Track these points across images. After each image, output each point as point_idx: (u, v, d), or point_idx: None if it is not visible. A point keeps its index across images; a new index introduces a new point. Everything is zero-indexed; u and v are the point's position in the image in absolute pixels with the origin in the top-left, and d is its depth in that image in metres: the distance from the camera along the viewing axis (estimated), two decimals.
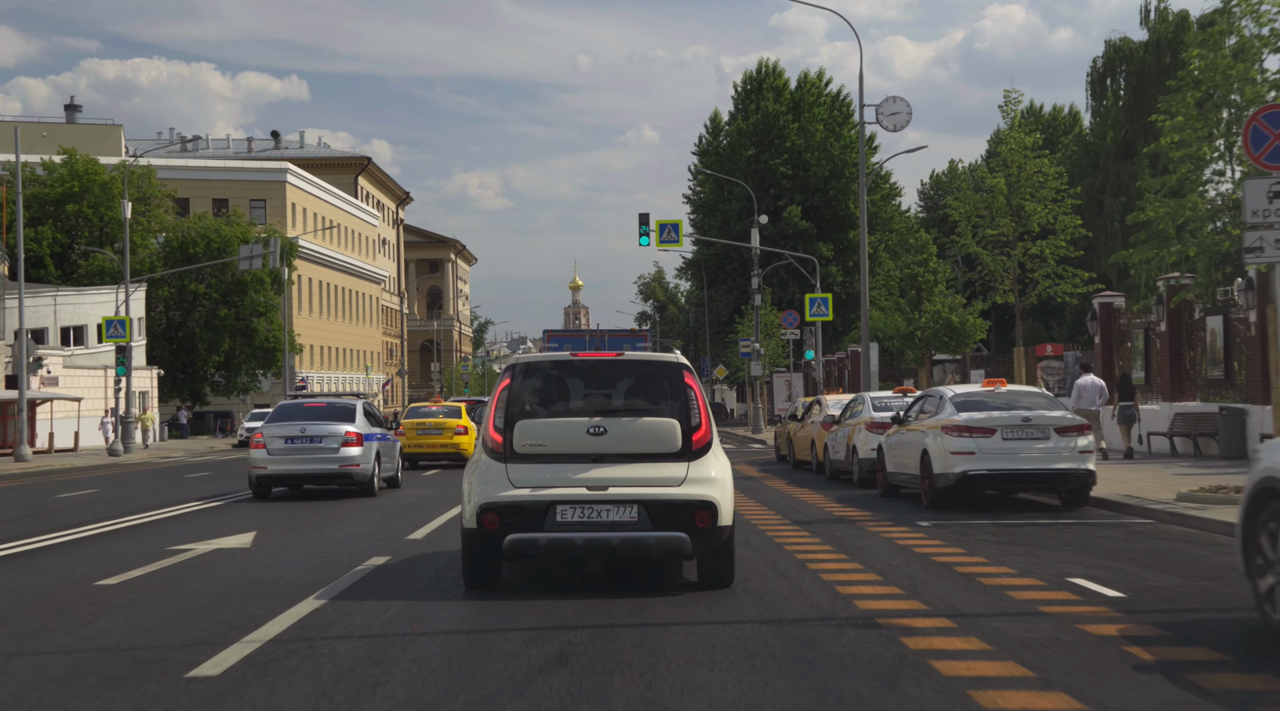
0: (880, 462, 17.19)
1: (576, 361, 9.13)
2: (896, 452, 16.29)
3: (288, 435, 18.86)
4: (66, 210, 60.45)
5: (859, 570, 9.93)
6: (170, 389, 63.54)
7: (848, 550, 11.26)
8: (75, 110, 79.33)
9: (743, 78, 73.99)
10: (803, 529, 13.16)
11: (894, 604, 8.22)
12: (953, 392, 15.17)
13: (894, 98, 30.37)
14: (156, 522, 15.65)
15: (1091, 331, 27.93)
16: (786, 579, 9.50)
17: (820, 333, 42.29)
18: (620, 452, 8.49)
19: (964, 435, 14.24)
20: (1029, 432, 14.21)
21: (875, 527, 13.05)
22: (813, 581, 9.34)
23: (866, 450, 18.70)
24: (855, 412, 20.03)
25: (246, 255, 44.78)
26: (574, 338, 32.83)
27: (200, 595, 9.17)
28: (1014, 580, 9.27)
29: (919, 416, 15.73)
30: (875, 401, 19.55)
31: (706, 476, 8.50)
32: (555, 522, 8.32)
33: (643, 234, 40.23)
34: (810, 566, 10.17)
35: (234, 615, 8.16)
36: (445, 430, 27.97)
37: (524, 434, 8.56)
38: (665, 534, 8.31)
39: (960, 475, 14.17)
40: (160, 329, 63.64)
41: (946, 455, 14.31)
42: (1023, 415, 14.29)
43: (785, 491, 18.76)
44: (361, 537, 13.01)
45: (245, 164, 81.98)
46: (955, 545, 11.57)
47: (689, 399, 8.68)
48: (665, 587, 8.96)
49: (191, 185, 76.47)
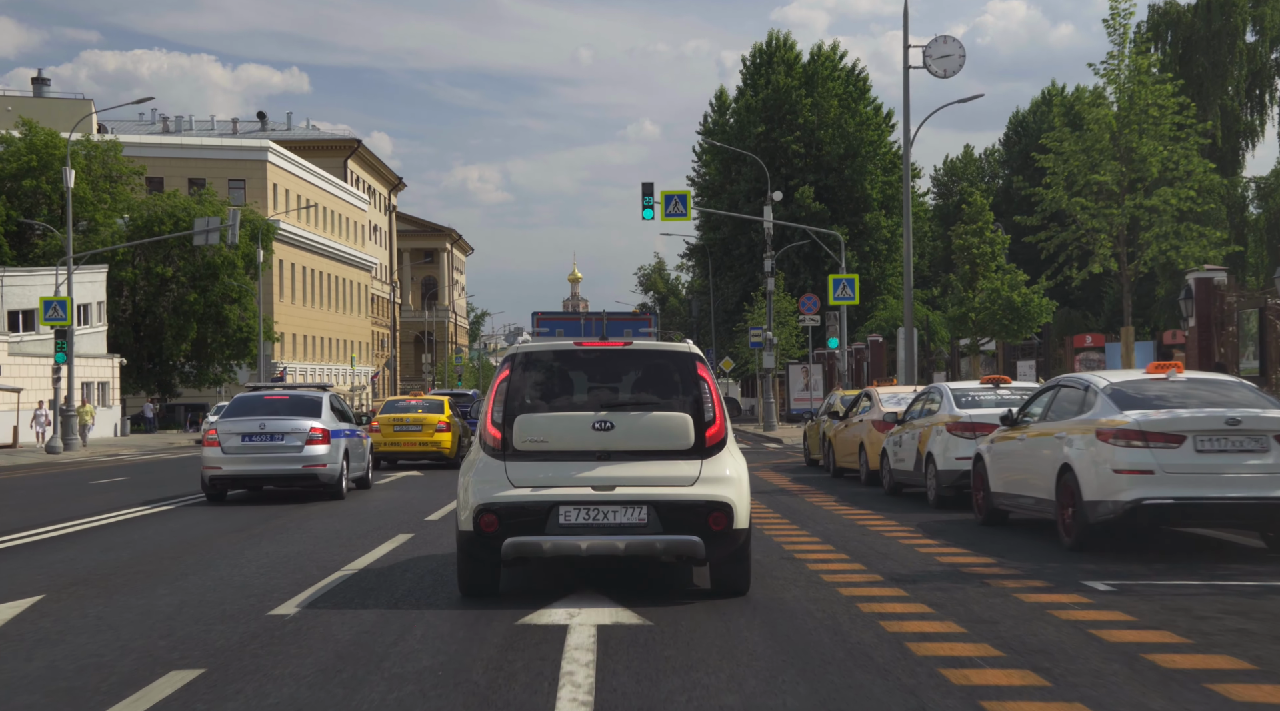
0: (977, 478, 12.68)
1: (580, 351, 8.61)
2: (1010, 466, 11.75)
3: (245, 431, 17.21)
4: (23, 186, 55.92)
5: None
6: (136, 379, 59.05)
7: (1013, 648, 6.67)
8: (43, 84, 74.63)
9: (752, 50, 69.32)
10: (907, 591, 8.60)
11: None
12: (1105, 382, 10.50)
13: (945, 38, 25.99)
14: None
15: (1185, 312, 23.32)
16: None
17: (845, 318, 37.71)
18: (628, 449, 8.10)
19: (1136, 445, 9.54)
20: (1237, 441, 9.47)
21: (1029, 594, 8.38)
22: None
23: (949, 459, 14.22)
24: (928, 410, 15.48)
25: (202, 228, 40.17)
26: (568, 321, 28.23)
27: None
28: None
29: (1046, 416, 11.19)
30: (959, 395, 14.92)
31: (721, 475, 8.09)
32: (558, 525, 7.95)
33: (646, 207, 35.76)
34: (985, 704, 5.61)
35: None
36: (425, 426, 25.29)
37: (524, 429, 8.15)
38: (677, 537, 7.91)
39: (1133, 504, 9.48)
40: (126, 315, 59.15)
41: (1108, 474, 9.62)
42: (1226, 415, 9.54)
43: (841, 514, 14.23)
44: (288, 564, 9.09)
45: (224, 142, 77.38)
46: (1176, 630, 7.09)
47: (702, 392, 8.27)
48: (674, 594, 8.37)
49: (166, 164, 71.90)
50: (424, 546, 11.50)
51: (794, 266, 63.50)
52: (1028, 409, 11.84)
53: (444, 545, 11.21)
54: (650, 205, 35.84)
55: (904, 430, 16.13)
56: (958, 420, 14.28)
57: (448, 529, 12.24)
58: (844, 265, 36.91)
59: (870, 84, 69.00)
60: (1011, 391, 14.94)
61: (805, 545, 11.31)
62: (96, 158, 59.49)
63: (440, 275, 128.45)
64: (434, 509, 15.33)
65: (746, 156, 64.38)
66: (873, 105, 68.36)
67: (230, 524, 14.31)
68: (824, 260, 64.75)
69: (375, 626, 7.48)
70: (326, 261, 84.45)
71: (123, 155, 61.05)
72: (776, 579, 9.27)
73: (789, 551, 10.84)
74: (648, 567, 9.22)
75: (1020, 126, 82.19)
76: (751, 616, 7.69)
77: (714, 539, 7.91)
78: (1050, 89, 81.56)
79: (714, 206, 67.73)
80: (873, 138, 66.54)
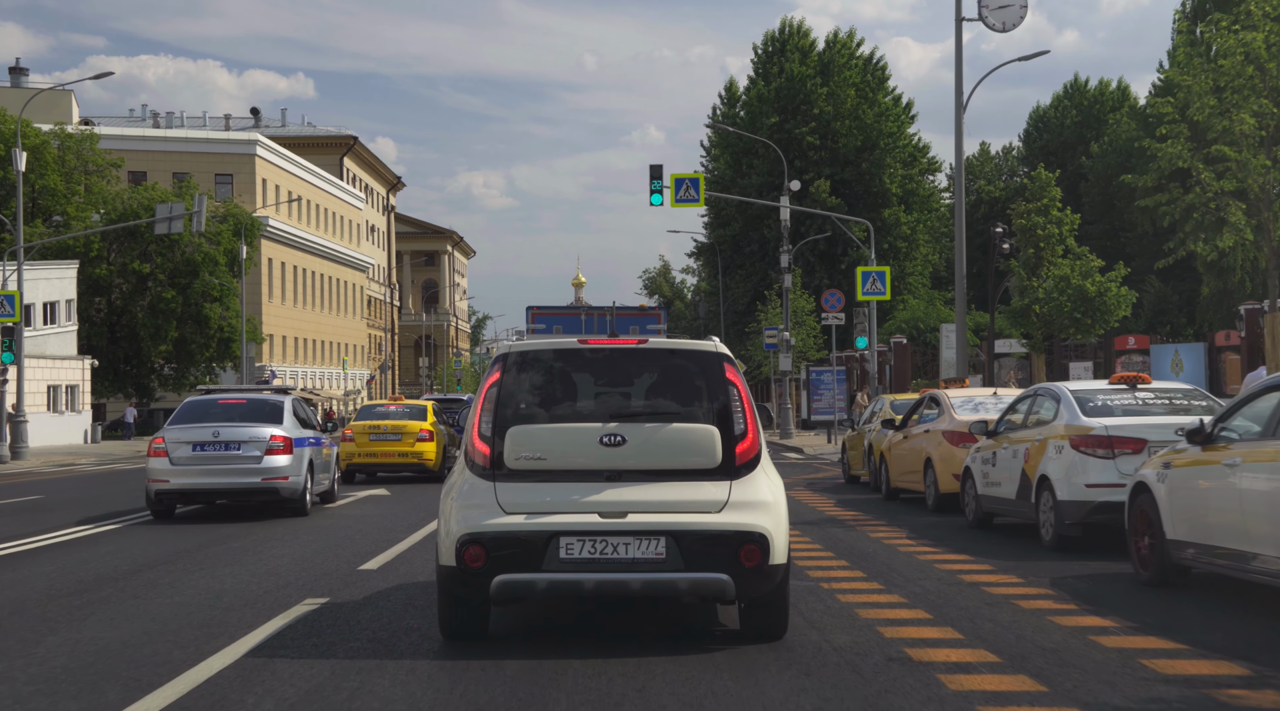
0: (1138, 518, 9.06)
1: (586, 350, 7.38)
2: (1210, 506, 8.28)
3: (196, 440, 15.73)
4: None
5: None
6: (111, 382, 55.62)
7: None
8: (21, 74, 71.27)
9: (764, 38, 65.89)
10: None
11: None
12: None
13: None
14: None
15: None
16: None
17: (875, 315, 34.15)
18: (643, 468, 6.89)
19: None
20: None
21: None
22: None
23: (1075, 487, 10.61)
24: (1036, 419, 11.84)
25: (164, 215, 36.66)
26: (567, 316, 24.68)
27: None
28: None
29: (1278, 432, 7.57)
30: (1083, 399, 11.24)
31: (755, 499, 6.87)
32: (558, 560, 6.74)
33: (654, 191, 32.29)
34: None
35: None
36: (405, 435, 22.93)
37: (518, 443, 6.92)
38: (702, 575, 6.67)
39: None
40: (101, 314, 55.74)
41: None
42: None
43: (930, 562, 10.55)
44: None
45: (211, 135, 73.93)
46: None
47: (731, 399, 7.04)
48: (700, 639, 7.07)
49: (150, 157, 68.52)
50: (399, 573, 10.24)
51: (808, 264, 60.04)
52: (1228, 420, 8.26)
53: (422, 573, 9.91)
54: (659, 189, 32.39)
55: (998, 445, 12.53)
56: (1088, 434, 10.66)
57: (426, 554, 10.89)
58: (873, 256, 33.28)
59: (890, 73, 65.50)
60: (1155, 394, 11.25)
61: (905, 623, 7.70)
62: (71, 148, 56.16)
63: (441, 278, 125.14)
64: (409, 530, 13.69)
65: (759, 148, 60.96)
66: (892, 95, 64.91)
67: (164, 552, 12.07)
68: (840, 258, 61.25)
69: (329, 682, 6.24)
70: (319, 261, 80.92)
71: (103, 148, 57.79)
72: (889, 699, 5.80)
73: (887, 637, 7.26)
74: (664, 603, 7.99)
75: (1041, 122, 78.99)
76: None
77: (746, 576, 6.76)
78: (1074, 82, 78.46)
79: (724, 203, 64.23)
80: (892, 129, 63.08)
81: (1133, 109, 64.64)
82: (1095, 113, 75.31)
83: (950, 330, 39.87)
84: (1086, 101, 77.25)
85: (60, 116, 62.43)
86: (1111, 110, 72.69)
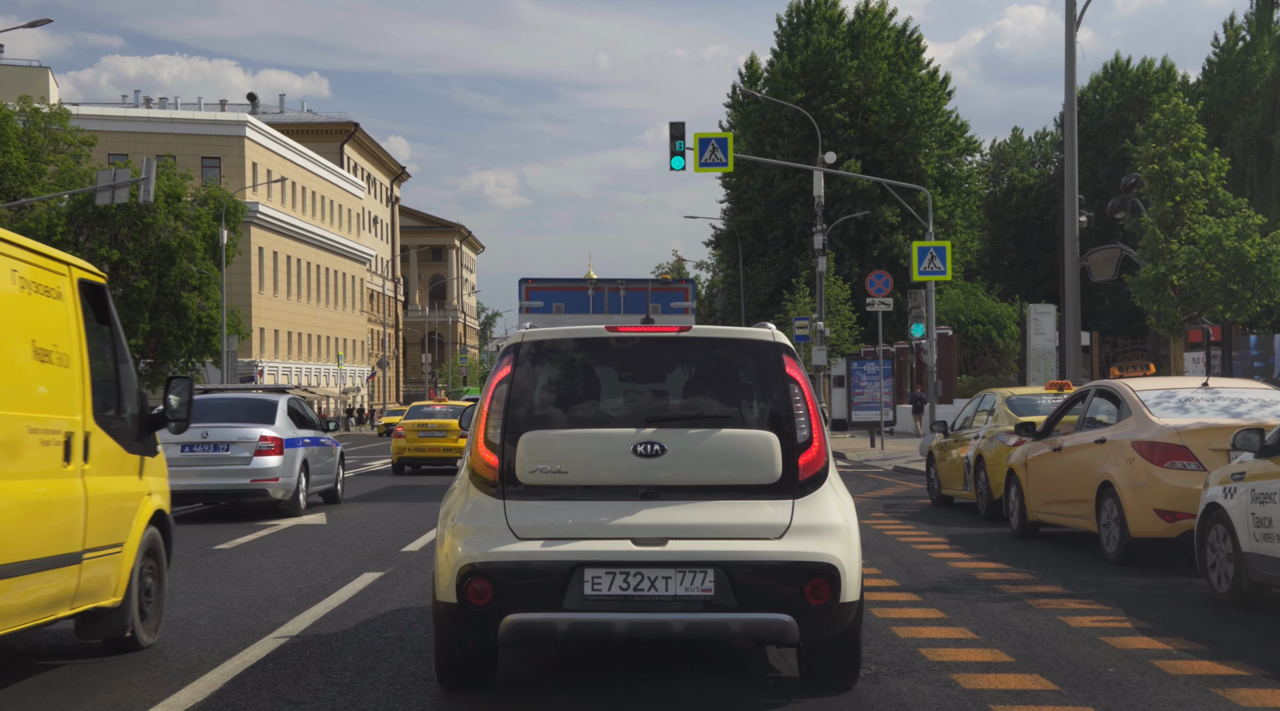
0: None
1: (614, 339, 6.16)
2: None
3: (184, 441, 15.34)
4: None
5: None
6: None
7: None
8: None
9: (788, 9, 61.17)
10: None
11: None
12: None
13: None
14: None
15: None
16: None
17: (932, 298, 29.42)
18: (686, 484, 5.74)
19: None
20: None
21: None
22: None
23: None
24: None
25: (107, 183, 32.15)
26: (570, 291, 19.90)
27: None
28: None
29: None
30: None
31: (823, 523, 5.68)
32: (582, 596, 5.57)
33: (676, 153, 27.60)
34: None
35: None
36: (449, 432, 25.65)
37: (534, 452, 5.77)
38: (759, 616, 5.50)
39: None
40: None
41: None
42: None
43: (1207, 686, 5.97)
44: None
45: (197, 115, 69.51)
46: None
47: (792, 398, 5.86)
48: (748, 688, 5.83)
49: (131, 138, 64.10)
50: (396, 593, 8.85)
51: (838, 251, 55.32)
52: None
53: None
54: (681, 151, 27.70)
55: (1276, 479, 7.72)
56: None
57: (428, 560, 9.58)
58: (930, 231, 28.57)
59: (925, 45, 60.75)
60: None
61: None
62: (38, 125, 51.70)
63: (449, 273, 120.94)
64: (413, 536, 12.90)
65: (783, 126, 56.36)
66: (927, 69, 60.17)
67: None
68: (871, 244, 56.62)
69: None
70: (314, 251, 76.45)
71: (81, 127, 53.34)
72: None
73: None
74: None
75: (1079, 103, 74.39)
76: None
77: (812, 616, 5.51)
78: (1114, 62, 73.93)
79: (747, 185, 59.60)
80: (927, 105, 58.36)
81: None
82: (1139, 93, 70.67)
83: (1044, 312, 34.88)
84: (1129, 82, 72.63)
85: (38, 93, 58.21)
86: (1156, 91, 67.82)
